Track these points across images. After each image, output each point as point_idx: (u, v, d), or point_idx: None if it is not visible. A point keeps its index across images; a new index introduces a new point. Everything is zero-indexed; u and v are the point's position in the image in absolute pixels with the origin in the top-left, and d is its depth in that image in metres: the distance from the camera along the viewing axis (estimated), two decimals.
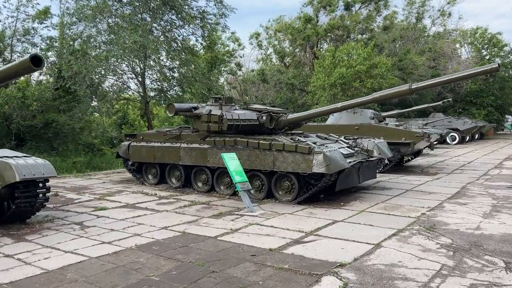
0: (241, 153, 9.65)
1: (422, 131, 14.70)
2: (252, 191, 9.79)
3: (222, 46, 30.18)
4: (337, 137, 10.95)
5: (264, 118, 10.24)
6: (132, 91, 18.72)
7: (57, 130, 17.79)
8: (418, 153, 17.18)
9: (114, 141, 19.45)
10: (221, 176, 10.28)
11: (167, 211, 8.25)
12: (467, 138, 30.54)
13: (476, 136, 32.99)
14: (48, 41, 19.86)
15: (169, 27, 18.27)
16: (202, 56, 27.69)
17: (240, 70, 33.35)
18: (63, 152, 17.93)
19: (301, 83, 32.64)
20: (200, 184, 10.72)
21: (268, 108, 10.79)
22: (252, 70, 35.40)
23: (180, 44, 17.61)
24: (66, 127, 17.22)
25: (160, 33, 17.90)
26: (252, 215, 7.82)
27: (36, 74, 19.78)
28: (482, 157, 19.92)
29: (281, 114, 10.70)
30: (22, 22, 20.31)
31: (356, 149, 10.40)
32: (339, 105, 9.97)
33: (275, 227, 6.93)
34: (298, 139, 9.57)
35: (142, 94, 17.91)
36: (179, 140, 11.05)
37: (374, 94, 9.43)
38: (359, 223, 7.21)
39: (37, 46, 19.56)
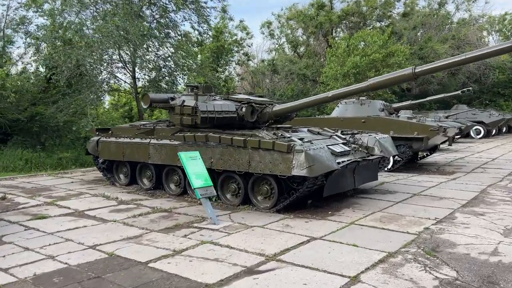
0: (214, 151, 8.21)
1: (438, 124, 12.91)
2: (229, 195, 8.36)
3: (229, 35, 28.69)
4: (332, 132, 9.38)
5: (243, 110, 8.75)
6: (123, 81, 17.52)
7: (43, 123, 16.73)
8: (434, 149, 15.39)
9: None
10: None
11: (115, 221, 6.89)
12: (493, 132, 28.17)
13: (504, 130, 30.51)
14: (43, 30, 18.79)
15: (163, 13, 16.89)
16: (207, 46, 26.33)
17: (249, 60, 31.79)
18: (50, 147, 16.84)
19: (313, 74, 30.90)
20: (172, 186, 9.34)
21: (250, 98, 9.29)
22: (263, 61, 33.80)
23: (172, 31, 16.20)
24: (52, 120, 16.11)
25: (153, 18, 16.54)
26: (213, 229, 6.39)
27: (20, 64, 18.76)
28: (509, 153, 17.88)
29: (265, 105, 9.18)
30: (14, 11, 19.33)
31: (353, 146, 8.81)
32: (330, 94, 8.38)
33: (231, 248, 5.47)
34: (281, 135, 8.06)
35: (132, 85, 16.65)
36: (151, 135, 9.69)
37: (371, 80, 7.80)
38: (341, 242, 5.67)
39: (32, 36, 18.49)
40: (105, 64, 15.18)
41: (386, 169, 13.03)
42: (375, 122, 13.27)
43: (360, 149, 8.93)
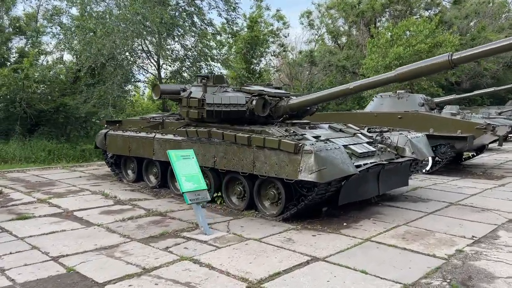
0: (217, 149, 7.34)
1: (485, 122, 11.35)
2: (234, 198, 7.47)
3: (265, 25, 27.61)
4: (357, 129, 8.25)
5: (254, 102, 7.78)
6: (147, 72, 16.99)
7: (68, 115, 16.53)
8: (481, 149, 13.75)
9: None
10: None
11: (100, 225, 6.19)
12: None
13: None
14: (76, 21, 18.65)
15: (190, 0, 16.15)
16: (241, 36, 25.47)
17: (285, 51, 30.60)
18: (74, 138, 16.65)
19: (353, 65, 29.29)
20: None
21: (264, 90, 8.30)
22: (300, 52, 32.50)
23: (197, 18, 15.40)
24: (76, 111, 15.85)
25: (178, 6, 15.84)
26: (202, 240, 5.52)
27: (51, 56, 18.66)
28: None
29: (279, 98, 8.17)
30: (47, 1, 19.36)
31: (379, 146, 7.66)
32: (351, 85, 7.23)
33: (211, 268, 4.58)
34: (293, 132, 7.06)
35: (157, 75, 16.09)
36: (160, 129, 8.94)
37: (399, 69, 6.59)
38: (348, 267, 4.63)
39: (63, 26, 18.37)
40: (127, 53, 14.64)
41: (424, 170, 11.68)
42: (413, 118, 11.89)
43: (388, 149, 7.76)
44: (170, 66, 15.77)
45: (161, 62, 15.85)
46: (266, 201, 7.02)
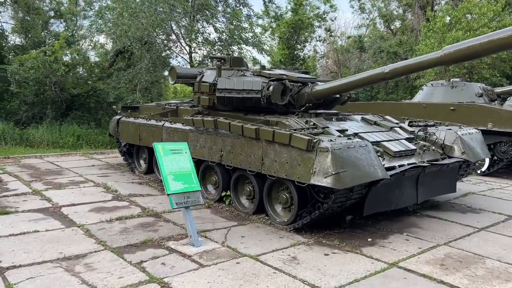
0: (225, 141, 6.33)
1: None
2: (243, 199, 6.45)
3: (310, 8, 26.04)
4: (396, 122, 6.95)
5: (270, 88, 6.64)
6: (178, 55, 16.19)
7: (100, 99, 16.16)
8: None
9: None
10: (208, 172, 7.10)
11: (81, 226, 5.40)
12: None
13: None
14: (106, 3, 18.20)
15: None
16: (284, 20, 24.19)
17: (331, 36, 28.88)
18: (106, 124, 16.26)
19: (406, 52, 27.11)
20: None
21: (286, 74, 7.12)
22: (349, 37, 30.62)
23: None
24: (106, 96, 15.42)
25: None
26: (186, 254, 4.55)
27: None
28: None
29: (302, 84, 6.98)
30: None
31: (422, 143, 6.32)
32: (386, 68, 5.89)
33: None
34: (314, 124, 5.91)
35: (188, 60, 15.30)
36: (168, 117, 8.06)
37: (446, 49, 5.19)
38: None
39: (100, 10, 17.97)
40: (155, 35, 13.88)
41: (479, 171, 10.07)
42: (469, 110, 10.24)
43: (432, 148, 6.41)
44: (199, 50, 14.90)
45: (193, 46, 15.01)
46: (277, 205, 5.93)
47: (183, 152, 5.15)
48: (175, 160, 5.01)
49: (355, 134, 5.90)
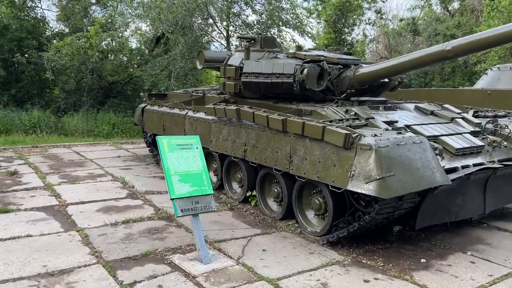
0: (248, 134, 5.42)
1: None
2: (271, 201, 5.54)
3: None
4: (458, 112, 5.76)
5: (304, 72, 5.62)
6: (219, 42, 15.37)
7: (136, 87, 15.73)
8: None
9: None
10: (233, 168, 6.23)
11: (81, 230, 4.72)
12: None
13: None
14: None
15: None
16: (330, 2, 22.75)
17: (382, 18, 27.02)
18: None
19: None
20: (211, 175, 6.84)
21: (323, 55, 6.06)
22: (401, 20, 28.56)
23: None
24: (142, 83, 14.93)
25: None
26: (189, 274, 3.71)
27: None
28: None
29: (344, 66, 5.91)
30: None
31: (490, 138, 5.10)
32: (448, 45, 4.68)
33: None
34: (355, 114, 4.89)
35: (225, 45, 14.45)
36: (200, 104, 7.24)
37: None
38: None
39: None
40: (191, 19, 13.10)
41: None
42: None
43: (504, 144, 5.17)
44: (237, 33, 13.96)
45: (230, 30, 14.15)
46: (309, 211, 4.96)
47: (193, 148, 4.29)
48: (183, 158, 4.16)
49: (407, 127, 4.81)
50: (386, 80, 6.14)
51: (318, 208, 4.75)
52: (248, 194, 5.81)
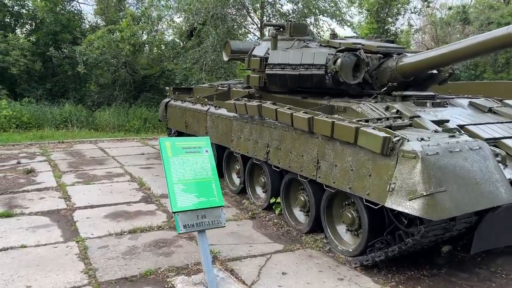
0: (271, 134, 4.74)
1: None
2: (297, 210, 4.85)
3: None
4: None
5: (339, 62, 4.86)
6: (252, 33, 14.69)
7: (169, 80, 15.36)
8: None
9: None
10: (256, 171, 5.57)
11: (82, 241, 4.23)
12: None
13: None
14: None
15: None
16: None
17: (428, 6, 25.40)
18: None
19: None
20: (234, 177, 6.24)
21: (360, 43, 5.26)
22: (450, 8, 26.75)
23: None
24: (174, 77, 14.52)
25: None
26: None
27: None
28: None
29: (384, 56, 5.10)
30: None
31: None
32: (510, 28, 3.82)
33: None
34: (398, 112, 4.13)
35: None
36: (218, 100, 6.63)
37: None
38: None
39: None
40: (222, 9, 12.49)
41: None
42: None
43: None
44: (272, 20, 13.20)
45: (263, 21, 13.40)
46: (340, 225, 4.23)
47: (202, 151, 3.66)
48: (189, 163, 3.54)
49: (461, 128, 3.99)
50: (435, 71, 5.29)
51: (350, 222, 4.01)
52: (272, 200, 5.14)
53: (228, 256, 3.93)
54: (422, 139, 3.19)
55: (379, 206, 3.35)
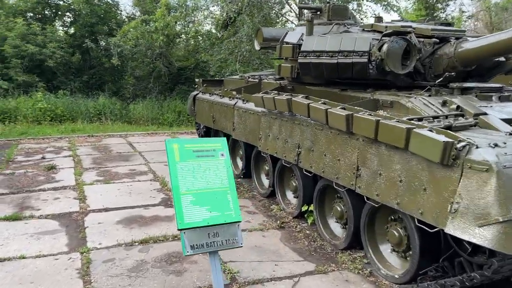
0: (303, 133, 4.09)
1: None
2: (332, 222, 4.18)
3: None
4: None
5: (385, 48, 4.11)
6: (290, 21, 13.91)
7: (204, 72, 14.90)
8: None
9: None
10: (287, 173, 4.93)
11: (87, 252, 3.77)
12: None
13: None
14: None
15: None
16: None
17: None
18: None
19: None
20: (263, 178, 5.62)
21: (411, 26, 4.47)
22: None
23: None
24: (209, 68, 14.04)
25: None
26: None
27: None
28: None
29: (440, 42, 4.30)
30: None
31: None
32: None
33: None
34: (458, 108, 3.36)
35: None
36: (241, 93, 6.02)
37: None
38: None
39: None
40: None
41: None
42: None
43: None
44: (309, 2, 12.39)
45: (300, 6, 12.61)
46: (384, 243, 3.53)
47: (217, 155, 3.07)
48: (201, 170, 2.96)
49: None
50: (502, 59, 4.42)
51: (397, 242, 3.31)
52: (304, 208, 4.49)
53: (249, 278, 3.33)
54: (495, 145, 2.45)
55: (436, 229, 2.64)
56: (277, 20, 14.52)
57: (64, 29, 16.66)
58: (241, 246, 2.93)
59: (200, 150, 3.03)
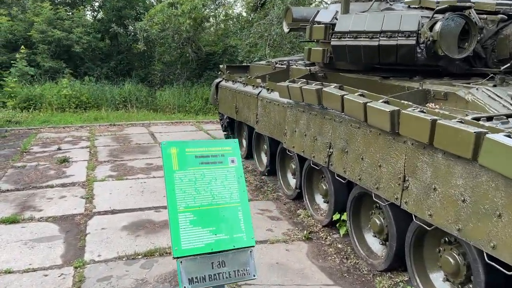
0: (335, 130, 3.41)
1: None
2: (369, 236, 3.52)
3: None
4: None
5: (437, 27, 3.35)
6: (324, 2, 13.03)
7: (232, 58, 14.27)
8: None
9: None
10: (316, 173, 4.27)
11: (78, 268, 3.28)
12: None
13: None
14: None
15: None
16: None
17: None
18: None
19: None
20: (290, 177, 4.99)
21: (470, 2, 3.68)
22: None
23: None
24: (238, 53, 13.40)
25: None
26: None
27: None
28: None
29: (508, 19, 3.49)
30: None
31: None
32: None
33: None
34: None
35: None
36: (265, 81, 5.37)
37: None
38: None
39: None
40: None
41: None
42: None
43: None
44: None
45: None
46: (435, 271, 2.84)
47: (225, 161, 2.46)
48: (204, 180, 2.37)
49: None
50: None
51: (453, 272, 2.62)
52: (336, 217, 3.85)
53: None
54: None
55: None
56: (310, 1, 13.67)
57: (93, 13, 16.41)
58: (254, 278, 2.33)
59: (205, 155, 2.43)
